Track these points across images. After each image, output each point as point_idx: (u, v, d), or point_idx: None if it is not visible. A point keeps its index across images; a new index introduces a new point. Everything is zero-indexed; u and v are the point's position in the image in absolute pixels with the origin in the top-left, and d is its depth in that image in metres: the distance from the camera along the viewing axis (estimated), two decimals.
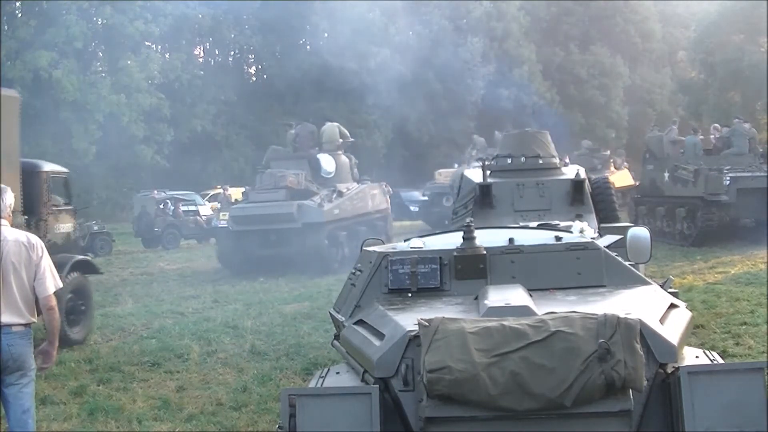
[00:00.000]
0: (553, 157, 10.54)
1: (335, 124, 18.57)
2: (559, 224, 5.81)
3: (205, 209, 26.25)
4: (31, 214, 9.21)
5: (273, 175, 16.08)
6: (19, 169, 8.73)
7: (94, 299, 10.52)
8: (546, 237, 4.78)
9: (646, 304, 3.86)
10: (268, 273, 14.81)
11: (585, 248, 4.48)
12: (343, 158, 17.80)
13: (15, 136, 8.77)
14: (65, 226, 10.12)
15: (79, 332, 9.44)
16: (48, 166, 9.94)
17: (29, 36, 32.43)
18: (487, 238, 4.63)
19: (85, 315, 9.60)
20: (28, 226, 8.84)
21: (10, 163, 8.53)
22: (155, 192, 26.15)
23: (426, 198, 24.96)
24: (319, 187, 16.13)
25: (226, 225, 15.98)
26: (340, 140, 17.97)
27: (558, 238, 4.67)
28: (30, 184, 9.18)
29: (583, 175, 9.78)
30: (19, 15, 34.57)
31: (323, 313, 9.50)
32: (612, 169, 27.21)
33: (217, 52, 44.84)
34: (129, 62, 34.70)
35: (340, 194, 16.29)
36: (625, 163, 29.81)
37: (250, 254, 15.24)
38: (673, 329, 3.67)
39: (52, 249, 8.39)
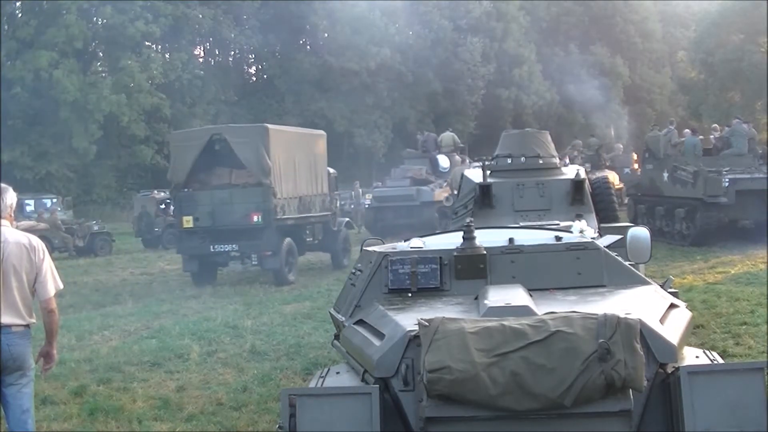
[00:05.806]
0: (553, 157, 10.51)
1: (452, 133, 24.98)
2: (559, 224, 5.81)
3: None
4: (326, 197, 15.87)
5: (403, 169, 23.18)
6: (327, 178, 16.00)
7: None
8: (546, 237, 4.77)
9: (646, 304, 3.85)
10: (399, 236, 18.32)
11: (585, 248, 4.47)
12: (457, 158, 23.19)
13: (325, 161, 16.08)
14: (336, 203, 17.28)
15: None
16: (332, 170, 16.58)
17: (29, 36, 32.39)
18: (487, 238, 4.63)
19: (348, 252, 16.21)
20: (331, 203, 16.22)
21: (323, 176, 15.71)
22: (155, 192, 26.02)
23: None
24: (437, 178, 22.22)
25: (370, 203, 22.96)
26: (453, 145, 23.93)
27: (558, 238, 4.66)
28: None
29: (583, 175, 9.76)
30: (19, 15, 34.55)
31: (323, 313, 9.50)
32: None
33: (217, 52, 44.82)
34: (129, 62, 34.67)
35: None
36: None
37: (385, 222, 21.39)
38: (673, 329, 3.67)
39: (335, 215, 16.67)
